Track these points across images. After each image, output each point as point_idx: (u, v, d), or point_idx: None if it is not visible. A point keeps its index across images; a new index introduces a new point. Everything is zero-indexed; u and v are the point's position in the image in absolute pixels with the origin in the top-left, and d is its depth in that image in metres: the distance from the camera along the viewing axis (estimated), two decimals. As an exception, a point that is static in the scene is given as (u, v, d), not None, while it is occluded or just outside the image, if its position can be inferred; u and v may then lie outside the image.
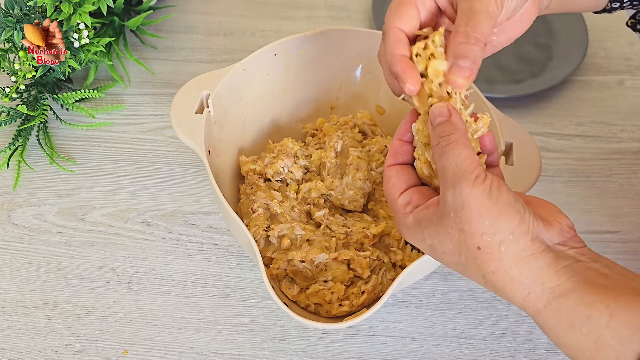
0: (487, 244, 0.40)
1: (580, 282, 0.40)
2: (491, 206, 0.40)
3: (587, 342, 0.39)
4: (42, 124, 0.72)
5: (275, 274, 0.58)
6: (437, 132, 0.43)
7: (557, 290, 0.40)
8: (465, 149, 0.41)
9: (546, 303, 0.40)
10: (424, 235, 0.43)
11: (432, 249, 0.44)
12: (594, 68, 0.83)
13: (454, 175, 0.41)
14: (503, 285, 0.41)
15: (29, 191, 0.69)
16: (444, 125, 0.43)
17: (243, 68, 0.63)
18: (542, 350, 0.60)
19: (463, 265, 0.42)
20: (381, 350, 0.60)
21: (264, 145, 0.68)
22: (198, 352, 0.60)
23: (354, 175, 0.62)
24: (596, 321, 0.38)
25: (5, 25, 0.68)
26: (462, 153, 0.41)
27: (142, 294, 0.63)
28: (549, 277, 0.40)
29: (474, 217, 0.40)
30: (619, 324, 0.38)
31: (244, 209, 0.62)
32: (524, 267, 0.40)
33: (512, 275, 0.41)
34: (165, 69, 0.80)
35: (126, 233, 0.67)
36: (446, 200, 0.41)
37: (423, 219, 0.43)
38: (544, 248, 0.41)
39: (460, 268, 0.43)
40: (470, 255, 0.41)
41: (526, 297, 0.41)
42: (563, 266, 0.40)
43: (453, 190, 0.40)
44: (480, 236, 0.40)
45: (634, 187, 0.72)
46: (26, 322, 0.61)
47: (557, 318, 0.40)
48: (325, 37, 0.66)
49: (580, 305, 0.39)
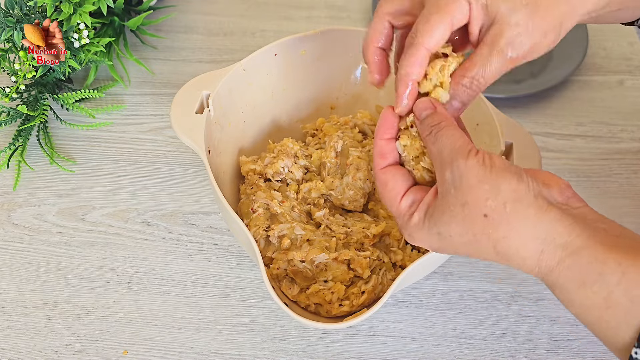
0: (491, 209, 0.40)
1: (590, 238, 0.39)
2: (487, 172, 0.41)
3: (597, 300, 0.39)
4: (42, 124, 0.72)
5: (275, 274, 0.58)
6: (426, 123, 0.45)
7: (569, 247, 0.39)
8: (457, 130, 0.43)
9: (559, 260, 0.40)
10: (429, 226, 0.43)
11: (440, 237, 0.43)
12: (594, 68, 0.83)
13: (450, 153, 0.42)
14: (516, 249, 0.41)
15: (29, 191, 0.69)
16: (432, 116, 0.45)
17: (243, 68, 0.63)
18: (542, 350, 0.61)
19: (473, 243, 0.42)
20: (381, 350, 0.60)
21: (264, 145, 0.68)
22: (198, 352, 0.60)
23: (354, 175, 0.62)
24: (608, 278, 0.38)
25: (6, 25, 0.68)
26: (455, 134, 0.43)
27: (142, 294, 0.63)
28: (559, 232, 0.40)
29: (473, 186, 0.41)
30: (631, 282, 0.38)
31: (244, 209, 0.62)
32: (534, 224, 0.40)
33: (524, 235, 0.40)
34: (165, 69, 0.80)
35: (126, 233, 0.67)
36: (445, 180, 0.42)
37: (427, 210, 0.44)
38: (548, 204, 0.41)
39: (471, 248, 0.42)
40: (478, 229, 0.41)
41: (540, 256, 0.40)
42: (571, 222, 0.40)
43: (450, 167, 0.42)
44: (484, 202, 0.40)
45: (634, 187, 0.72)
46: (26, 322, 0.61)
47: (569, 276, 0.39)
48: (325, 37, 0.66)
49: (593, 262, 0.39)
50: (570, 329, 0.61)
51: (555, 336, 0.61)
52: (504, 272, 0.65)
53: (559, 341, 0.61)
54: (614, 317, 0.38)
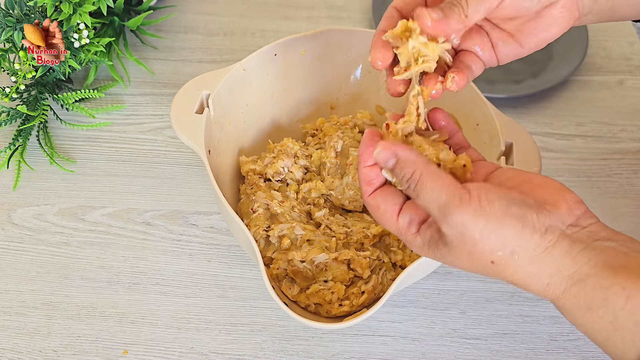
0: (499, 258, 0.40)
1: (598, 265, 0.39)
2: (488, 223, 0.40)
3: (603, 324, 0.39)
4: (42, 124, 0.72)
5: (275, 274, 0.58)
6: (399, 178, 0.43)
7: (575, 276, 0.40)
8: (436, 180, 0.41)
9: (564, 289, 0.40)
10: (435, 254, 0.44)
11: (447, 263, 0.44)
12: (594, 68, 0.83)
13: (439, 209, 0.41)
14: (524, 284, 0.41)
15: (29, 191, 0.69)
16: (401, 168, 0.43)
17: (243, 68, 0.63)
18: (543, 350, 0.61)
19: (482, 273, 0.43)
20: (381, 350, 0.60)
21: (264, 145, 0.68)
22: (198, 352, 0.60)
23: (354, 175, 0.62)
24: (613, 304, 0.38)
25: (6, 25, 0.68)
26: (434, 186, 0.41)
27: (142, 294, 0.63)
28: (566, 265, 0.40)
29: (477, 240, 0.40)
30: (635, 306, 0.38)
31: (244, 209, 0.62)
32: (541, 264, 0.40)
33: (531, 274, 0.41)
34: (165, 69, 0.80)
35: (126, 233, 0.67)
36: (444, 234, 0.41)
37: (430, 240, 0.43)
38: (557, 237, 0.40)
39: (479, 273, 0.43)
40: (486, 268, 0.42)
41: (545, 289, 0.41)
42: (580, 250, 0.40)
43: (446, 222, 0.40)
44: (490, 253, 0.40)
45: (634, 187, 0.72)
46: (26, 322, 0.61)
47: (575, 303, 0.40)
48: (325, 37, 0.66)
49: (598, 289, 0.39)
50: (570, 329, 0.61)
51: (555, 336, 0.61)
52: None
53: (559, 341, 0.61)
54: (620, 339, 0.39)
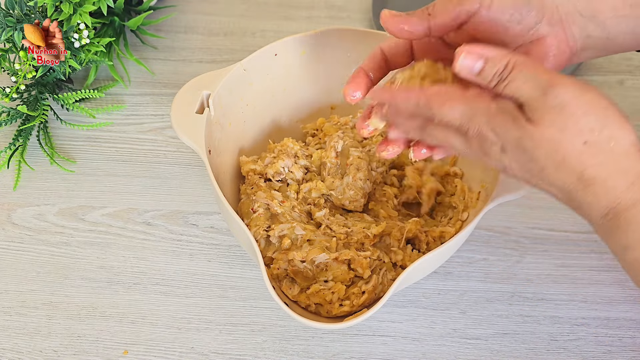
0: (594, 140, 0.39)
1: None
2: (593, 99, 0.39)
3: None
4: (43, 124, 0.72)
5: (275, 274, 0.58)
6: (488, 78, 0.41)
7: None
8: (533, 64, 0.40)
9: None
10: (511, 132, 0.41)
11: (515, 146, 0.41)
12: (594, 68, 0.83)
13: (539, 86, 0.39)
14: (607, 176, 0.40)
15: (29, 191, 0.69)
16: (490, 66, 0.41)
17: (243, 68, 0.63)
18: (543, 350, 0.61)
19: (557, 164, 0.41)
20: (382, 350, 0.60)
21: (265, 145, 0.68)
22: (198, 352, 0.60)
23: (355, 175, 0.62)
24: None
25: (6, 25, 0.68)
26: (534, 68, 0.40)
27: (143, 294, 0.63)
28: None
29: (578, 115, 0.39)
30: None
31: (244, 209, 0.62)
32: (634, 161, 0.40)
33: (620, 166, 0.40)
34: (166, 69, 0.80)
35: (126, 233, 0.67)
36: (537, 109, 0.40)
37: (512, 112, 0.41)
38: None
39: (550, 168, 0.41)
40: (573, 152, 0.40)
41: (629, 187, 0.40)
42: None
43: (546, 97, 0.39)
44: (589, 132, 0.39)
45: (634, 187, 0.72)
46: (26, 322, 0.61)
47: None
48: (325, 37, 0.66)
49: None
50: (571, 329, 0.61)
51: (556, 336, 0.61)
52: (504, 272, 0.65)
53: (559, 341, 0.61)
54: None
